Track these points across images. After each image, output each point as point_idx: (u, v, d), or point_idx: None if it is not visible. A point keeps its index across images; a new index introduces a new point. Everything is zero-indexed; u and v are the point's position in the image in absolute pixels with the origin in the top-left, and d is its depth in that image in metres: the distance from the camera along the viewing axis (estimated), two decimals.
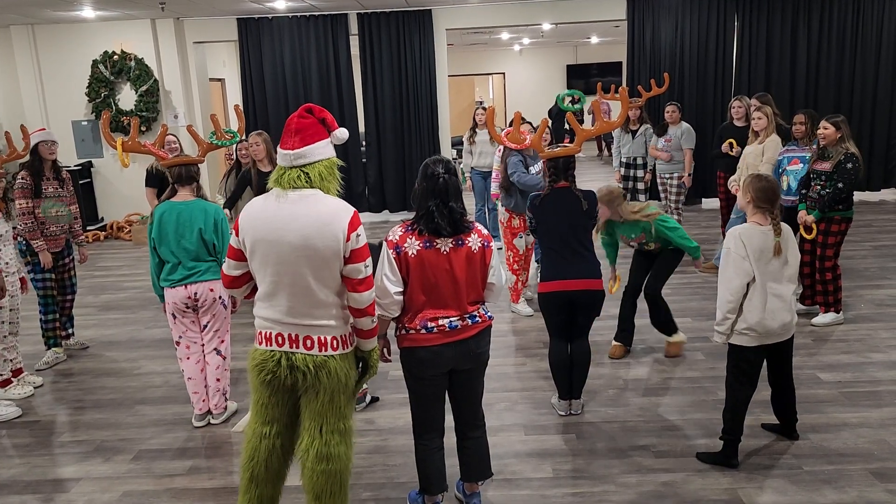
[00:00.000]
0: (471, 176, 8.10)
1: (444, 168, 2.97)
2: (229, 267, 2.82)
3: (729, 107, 7.11)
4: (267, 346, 2.77)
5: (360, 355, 2.91)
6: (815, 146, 5.37)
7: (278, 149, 2.72)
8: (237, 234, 2.74)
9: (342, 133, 2.79)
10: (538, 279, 4.09)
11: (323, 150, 2.71)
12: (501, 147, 6.10)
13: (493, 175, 6.30)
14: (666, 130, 7.48)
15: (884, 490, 3.31)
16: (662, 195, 7.79)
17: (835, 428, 3.89)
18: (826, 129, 5.07)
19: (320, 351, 2.74)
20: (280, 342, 2.75)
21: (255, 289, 2.86)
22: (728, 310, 3.41)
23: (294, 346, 2.74)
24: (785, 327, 3.45)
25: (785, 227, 3.45)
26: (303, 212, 2.63)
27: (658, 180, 7.72)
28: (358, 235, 2.69)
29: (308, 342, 2.73)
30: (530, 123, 6.25)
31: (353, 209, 2.72)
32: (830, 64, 9.67)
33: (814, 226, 5.20)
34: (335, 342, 2.76)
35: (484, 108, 7.39)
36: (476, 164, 8.00)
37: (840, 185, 4.97)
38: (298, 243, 2.62)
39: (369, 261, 2.75)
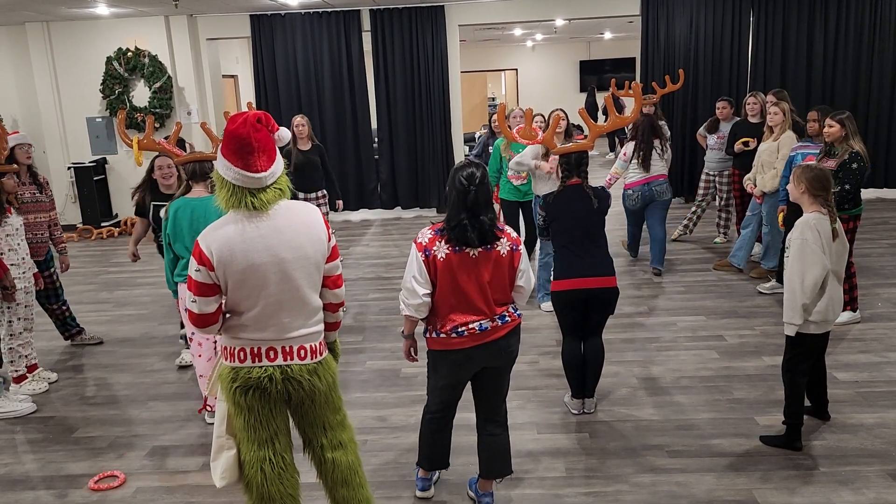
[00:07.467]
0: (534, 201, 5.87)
1: (474, 178, 2.94)
2: (204, 304, 2.53)
3: (744, 103, 7.03)
4: (255, 362, 2.60)
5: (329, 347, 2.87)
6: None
7: (233, 168, 2.51)
8: (210, 269, 2.48)
9: (285, 133, 2.68)
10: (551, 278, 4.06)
11: (281, 161, 2.60)
12: None
13: None
14: (717, 126, 7.40)
15: None
16: (703, 192, 7.62)
17: (852, 428, 3.85)
18: (831, 126, 5.02)
19: (312, 358, 2.67)
20: (272, 356, 2.60)
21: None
22: (804, 303, 3.43)
23: (289, 357, 2.62)
24: (839, 313, 3.62)
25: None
26: (284, 224, 2.54)
27: (703, 178, 7.61)
28: (333, 232, 2.70)
29: (302, 352, 2.65)
30: (542, 115, 6.14)
31: (315, 206, 2.71)
32: (847, 60, 9.53)
33: None
34: (321, 347, 2.73)
35: (543, 116, 6.15)
36: (542, 191, 5.39)
37: (847, 186, 4.92)
38: (293, 256, 2.54)
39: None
